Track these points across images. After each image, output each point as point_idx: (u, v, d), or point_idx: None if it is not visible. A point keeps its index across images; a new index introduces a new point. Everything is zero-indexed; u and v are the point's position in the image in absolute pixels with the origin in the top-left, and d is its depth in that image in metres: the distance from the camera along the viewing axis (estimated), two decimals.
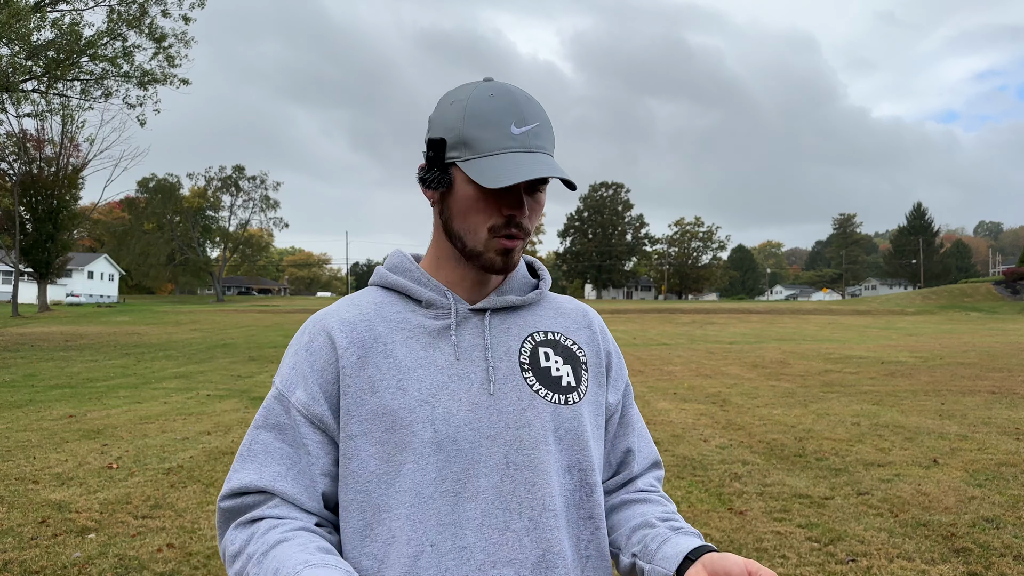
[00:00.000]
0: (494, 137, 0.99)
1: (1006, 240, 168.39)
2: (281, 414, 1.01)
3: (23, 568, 3.83)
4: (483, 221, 1.01)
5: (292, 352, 1.05)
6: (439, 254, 1.09)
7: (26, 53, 20.88)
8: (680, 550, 0.98)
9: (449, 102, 1.03)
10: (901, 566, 3.81)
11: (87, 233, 68.89)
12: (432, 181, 1.04)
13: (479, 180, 0.96)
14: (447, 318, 1.06)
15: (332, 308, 1.07)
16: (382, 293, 1.10)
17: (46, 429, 7.78)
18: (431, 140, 1.03)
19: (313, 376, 1.01)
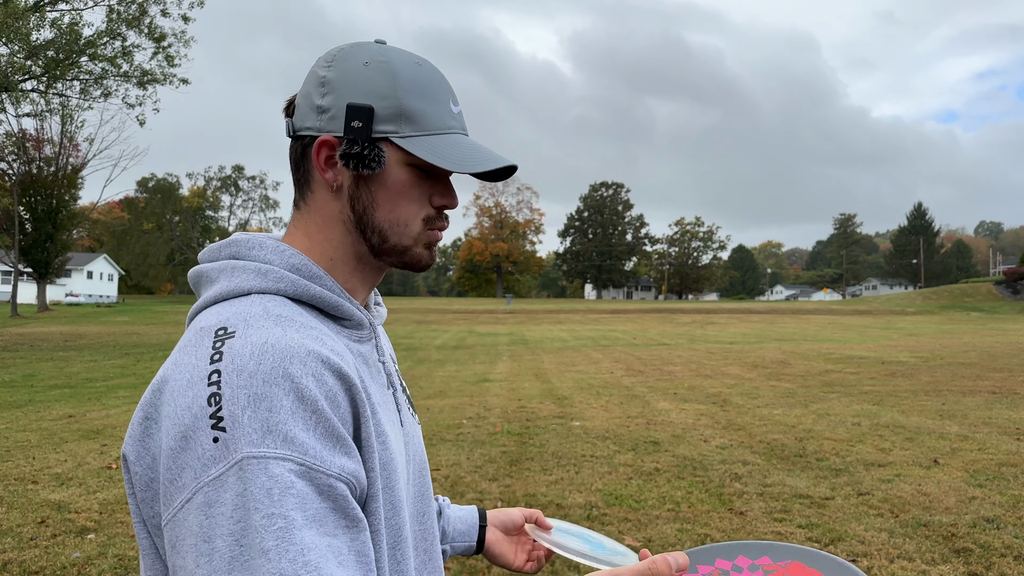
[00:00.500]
0: (438, 113, 0.84)
1: (1007, 240, 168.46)
2: (316, 500, 0.66)
3: (22, 568, 3.83)
4: (417, 212, 0.85)
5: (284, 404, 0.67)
6: (335, 255, 0.86)
7: (25, 53, 20.88)
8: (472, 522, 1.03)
9: (361, 61, 0.82)
10: (902, 566, 3.81)
11: (86, 233, 68.90)
12: (357, 158, 0.80)
13: (442, 163, 0.81)
14: (370, 341, 0.88)
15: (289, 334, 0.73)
16: (299, 309, 0.79)
17: (45, 429, 7.77)
18: (355, 106, 0.80)
19: (343, 431, 0.71)
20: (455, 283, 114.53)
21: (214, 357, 0.70)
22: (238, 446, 0.65)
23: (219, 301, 0.80)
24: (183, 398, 0.69)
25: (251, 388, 0.67)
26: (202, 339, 0.73)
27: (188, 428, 0.67)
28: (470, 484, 5.44)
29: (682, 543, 4.17)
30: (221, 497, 0.64)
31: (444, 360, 16.70)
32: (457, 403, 9.61)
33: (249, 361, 0.69)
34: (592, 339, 24.45)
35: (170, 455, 0.68)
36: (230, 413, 0.66)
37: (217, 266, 0.83)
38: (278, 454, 0.65)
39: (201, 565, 0.63)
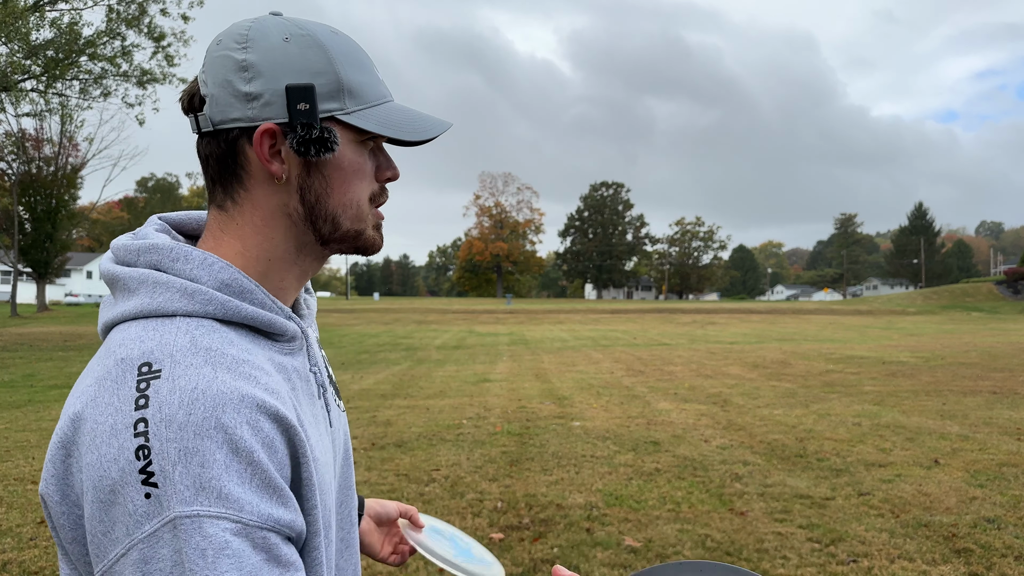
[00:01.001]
0: (372, 83, 0.80)
1: (1007, 240, 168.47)
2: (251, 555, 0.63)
3: (22, 568, 3.82)
4: (365, 189, 0.81)
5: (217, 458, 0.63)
6: (274, 254, 0.79)
7: (25, 52, 20.87)
8: None
9: (280, 37, 0.75)
10: (902, 567, 3.80)
11: (86, 233, 68.88)
12: (319, 143, 0.74)
13: (399, 135, 0.78)
14: (301, 351, 0.82)
15: (219, 375, 0.67)
16: (229, 333, 0.73)
17: (45, 429, 7.77)
18: (296, 87, 0.73)
19: (280, 480, 0.68)
20: (455, 283, 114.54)
21: (139, 402, 0.65)
22: (170, 504, 0.62)
23: (139, 318, 0.72)
24: (107, 448, 0.64)
25: (181, 441, 0.63)
26: (124, 375, 0.67)
27: (116, 483, 0.63)
28: (470, 484, 5.44)
29: (682, 543, 4.17)
30: (157, 553, 0.62)
31: (444, 360, 16.70)
32: (457, 403, 9.60)
33: (178, 411, 0.64)
34: (592, 339, 24.45)
35: (99, 507, 0.64)
36: (160, 468, 0.62)
37: (136, 275, 0.74)
38: (211, 512, 0.62)
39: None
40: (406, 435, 7.31)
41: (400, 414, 8.64)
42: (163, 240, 0.77)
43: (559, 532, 4.37)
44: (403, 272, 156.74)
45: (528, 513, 4.75)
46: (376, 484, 5.43)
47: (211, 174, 0.79)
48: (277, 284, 0.80)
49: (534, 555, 3.99)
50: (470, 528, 4.44)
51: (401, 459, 6.24)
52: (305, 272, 0.84)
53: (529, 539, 4.23)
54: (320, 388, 0.85)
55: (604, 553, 4.02)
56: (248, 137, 0.75)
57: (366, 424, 7.94)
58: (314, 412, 0.81)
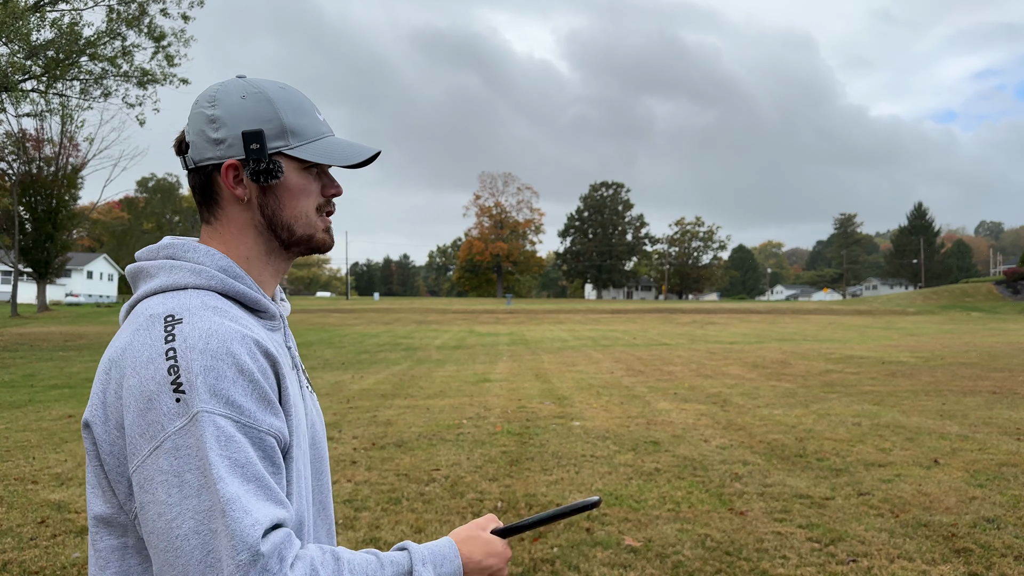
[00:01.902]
0: (312, 123, 1.05)
1: (1007, 240, 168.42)
2: (249, 447, 0.87)
3: (22, 568, 3.83)
4: (312, 203, 1.07)
5: (227, 374, 0.87)
6: (250, 254, 1.05)
7: (25, 53, 20.87)
8: None
9: (238, 96, 1.02)
10: (902, 566, 3.80)
11: (86, 233, 68.87)
12: (269, 172, 1.00)
13: (331, 160, 1.03)
14: (279, 330, 1.08)
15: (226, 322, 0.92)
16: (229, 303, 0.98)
17: (45, 429, 7.77)
18: (249, 132, 0.99)
19: (272, 396, 0.92)
20: (455, 283, 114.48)
21: (167, 339, 0.89)
22: (194, 403, 0.85)
23: (160, 292, 0.98)
24: (146, 371, 0.87)
25: (201, 361, 0.87)
26: (153, 324, 0.91)
27: (153, 393, 0.86)
28: (470, 484, 5.44)
29: (682, 543, 4.17)
30: (186, 442, 0.84)
31: (444, 360, 16.70)
32: (457, 403, 9.60)
33: (198, 341, 0.88)
34: (592, 339, 24.45)
35: (139, 414, 0.86)
36: (186, 379, 0.86)
37: (156, 264, 1.01)
38: (222, 412, 0.86)
39: (172, 495, 0.83)
40: (406, 435, 7.31)
41: (400, 414, 8.64)
42: (176, 239, 1.04)
43: (559, 532, 4.37)
44: (403, 272, 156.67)
45: (528, 513, 4.76)
46: (376, 484, 5.44)
47: (198, 199, 1.07)
48: (257, 278, 1.06)
49: (534, 555, 3.99)
50: None
51: (401, 459, 6.24)
52: (278, 270, 1.10)
53: (529, 539, 4.24)
54: (294, 361, 1.10)
55: (604, 553, 4.03)
56: (219, 170, 1.02)
57: (366, 424, 7.94)
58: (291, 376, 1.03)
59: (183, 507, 0.83)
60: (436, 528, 4.44)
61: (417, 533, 4.35)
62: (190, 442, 0.83)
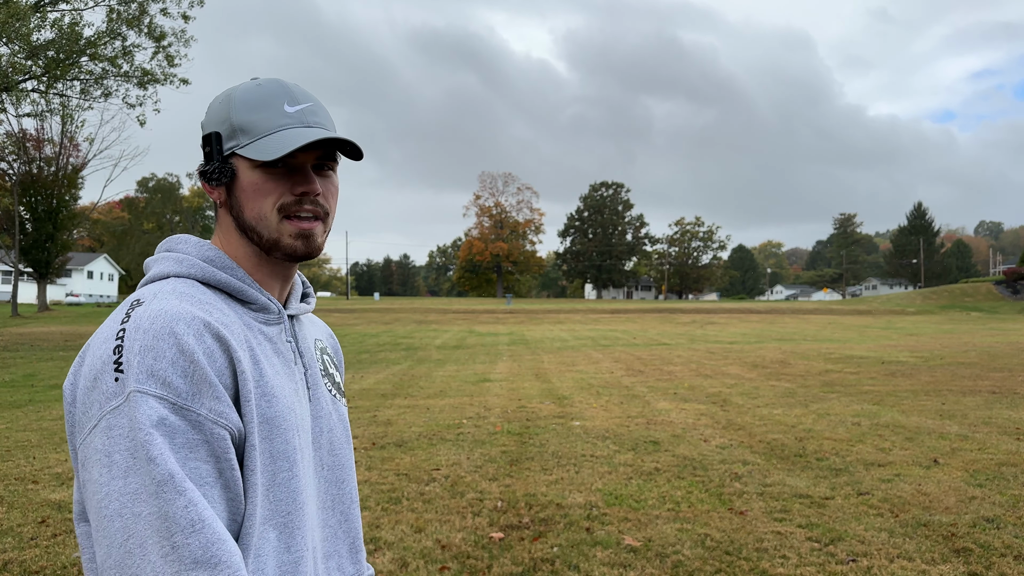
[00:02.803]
0: (268, 117, 0.99)
1: (1007, 240, 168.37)
2: (188, 431, 0.84)
3: (23, 568, 3.83)
4: (272, 203, 0.99)
5: (167, 354, 0.85)
6: (237, 255, 1.04)
7: (26, 53, 20.87)
8: None
9: (217, 102, 1.03)
10: (902, 566, 3.81)
11: (87, 233, 68.91)
12: (213, 175, 1.00)
13: (258, 156, 0.96)
14: (278, 324, 1.05)
15: (183, 305, 0.91)
16: (206, 291, 0.98)
17: (46, 429, 7.77)
18: (204, 137, 1.02)
19: (216, 380, 0.88)
20: (455, 283, 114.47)
21: (123, 320, 0.90)
22: (129, 382, 0.84)
23: (148, 283, 1.00)
24: (98, 350, 0.89)
25: (143, 341, 0.86)
26: (122, 309, 0.93)
27: (98, 372, 0.87)
28: (470, 484, 5.45)
29: (682, 543, 4.18)
30: (118, 422, 0.83)
31: (444, 360, 16.70)
32: (457, 403, 9.61)
33: (144, 321, 0.88)
34: (592, 339, 24.45)
35: (84, 393, 0.87)
36: (126, 359, 0.85)
37: (154, 257, 1.05)
38: (156, 392, 0.84)
39: (103, 474, 0.82)
40: (406, 435, 7.32)
41: (400, 414, 8.65)
42: (178, 235, 1.06)
43: (559, 531, 4.38)
44: (403, 272, 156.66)
45: (528, 512, 4.76)
46: (376, 484, 5.44)
47: None
48: (256, 278, 1.04)
49: (534, 554, 4.00)
50: (470, 527, 4.45)
51: (401, 459, 6.25)
52: (273, 273, 1.06)
53: (529, 539, 4.24)
54: (296, 355, 1.07)
55: (604, 552, 4.03)
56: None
57: (366, 424, 7.95)
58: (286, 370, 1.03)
59: (110, 488, 0.81)
60: (436, 528, 4.44)
61: (417, 533, 4.36)
62: (122, 422, 0.82)
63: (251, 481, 0.90)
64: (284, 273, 1.07)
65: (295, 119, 1.00)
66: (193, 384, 0.86)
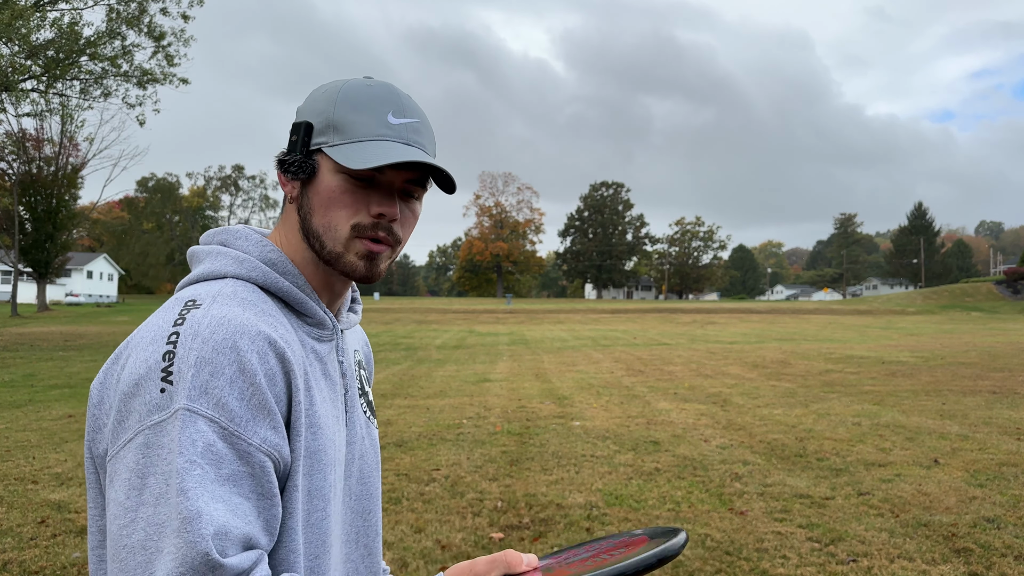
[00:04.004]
0: (368, 123, 0.89)
1: (1007, 240, 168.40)
2: (234, 461, 0.74)
3: (22, 568, 3.83)
4: (347, 217, 0.90)
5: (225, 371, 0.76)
6: (296, 258, 0.94)
7: (26, 53, 20.87)
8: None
9: (322, 91, 0.93)
10: (902, 566, 3.80)
11: (86, 233, 68.87)
12: (292, 166, 0.91)
13: (344, 162, 0.86)
14: (330, 341, 0.96)
15: (248, 315, 0.81)
16: (267, 299, 0.88)
17: (45, 429, 7.77)
18: (295, 124, 0.92)
19: (275, 407, 0.79)
20: (455, 283, 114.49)
21: (177, 321, 0.79)
22: (178, 398, 0.73)
23: (201, 280, 0.90)
24: (144, 351, 0.77)
25: (200, 351, 0.76)
26: (174, 306, 0.82)
27: (142, 377, 0.76)
28: (470, 484, 5.44)
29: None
30: (159, 440, 0.73)
31: (444, 360, 16.70)
32: (457, 403, 9.60)
33: (204, 329, 0.77)
34: (592, 339, 24.45)
35: (122, 399, 0.76)
36: (178, 369, 0.75)
37: (206, 249, 0.94)
38: (207, 413, 0.74)
39: (131, 497, 0.72)
40: (406, 435, 7.31)
41: (400, 414, 8.64)
42: (234, 227, 0.96)
43: (559, 532, 4.37)
44: (403, 272, 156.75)
45: (528, 513, 4.76)
46: None
47: None
48: (313, 285, 0.95)
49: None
50: (470, 528, 4.45)
51: (401, 459, 6.24)
52: (329, 284, 0.96)
53: (529, 539, 4.24)
54: (345, 382, 0.98)
55: None
56: None
57: None
58: (332, 395, 0.94)
59: (138, 515, 0.71)
60: (436, 528, 4.44)
61: (417, 533, 4.35)
62: (163, 441, 0.72)
63: (288, 525, 0.81)
64: (344, 284, 0.98)
65: (396, 132, 0.90)
66: (250, 409, 0.76)
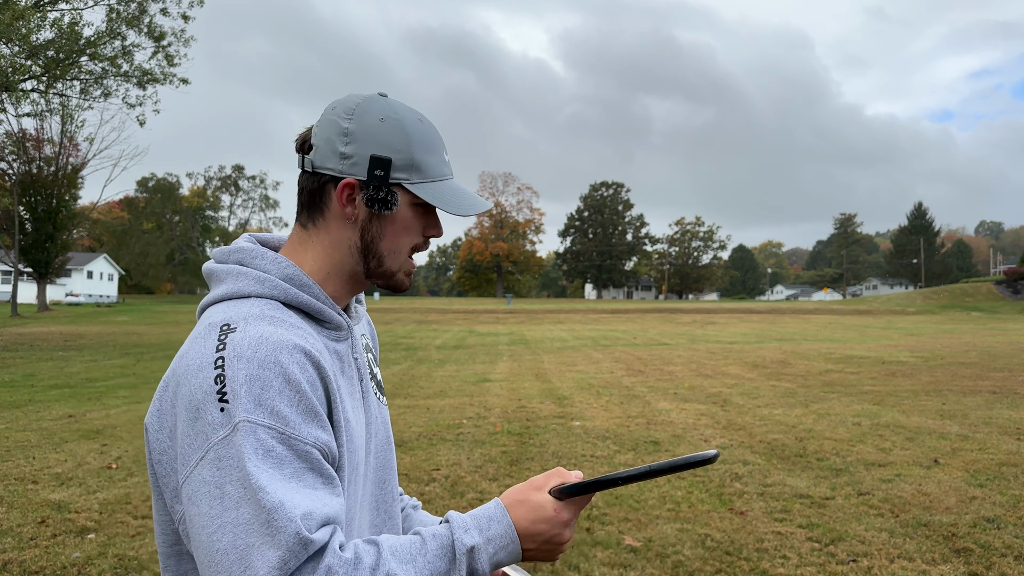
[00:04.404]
0: (437, 163, 1.04)
1: (1007, 240, 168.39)
2: (295, 460, 0.85)
3: (23, 568, 3.83)
4: (410, 242, 1.05)
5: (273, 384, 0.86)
6: (332, 271, 1.04)
7: (26, 53, 20.87)
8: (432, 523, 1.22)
9: (377, 118, 1.00)
10: (902, 566, 3.80)
11: (86, 233, 68.87)
12: (381, 201, 1.01)
13: (445, 207, 1.01)
14: (346, 340, 1.07)
15: (280, 331, 0.91)
16: (291, 313, 0.98)
17: (45, 429, 7.77)
18: (377, 158, 0.99)
19: (320, 409, 0.90)
20: (455, 283, 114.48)
21: (219, 347, 0.88)
22: (237, 413, 0.83)
23: (224, 300, 0.98)
24: (195, 379, 0.87)
25: (248, 371, 0.86)
26: (210, 333, 0.91)
27: (200, 403, 0.85)
28: (470, 484, 5.44)
29: (682, 543, 4.17)
30: (227, 452, 0.83)
31: (444, 360, 16.70)
32: (457, 403, 9.60)
33: (247, 350, 0.87)
34: (592, 339, 24.45)
35: (188, 424, 0.86)
36: (232, 389, 0.85)
37: (225, 268, 1.01)
38: (264, 423, 0.84)
39: (213, 507, 0.82)
40: (406, 435, 7.31)
41: (400, 414, 8.64)
42: (247, 244, 1.04)
43: None
44: None
45: None
46: None
47: (303, 200, 1.05)
48: (331, 292, 1.05)
49: None
50: None
51: (401, 459, 6.24)
52: (352, 291, 1.09)
53: None
54: (359, 372, 1.09)
55: (604, 552, 4.03)
56: (335, 183, 1.01)
57: None
58: (351, 389, 1.04)
59: (223, 520, 0.81)
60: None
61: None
62: (231, 452, 0.82)
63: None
64: (361, 290, 1.10)
65: (450, 170, 1.07)
66: (300, 414, 0.86)
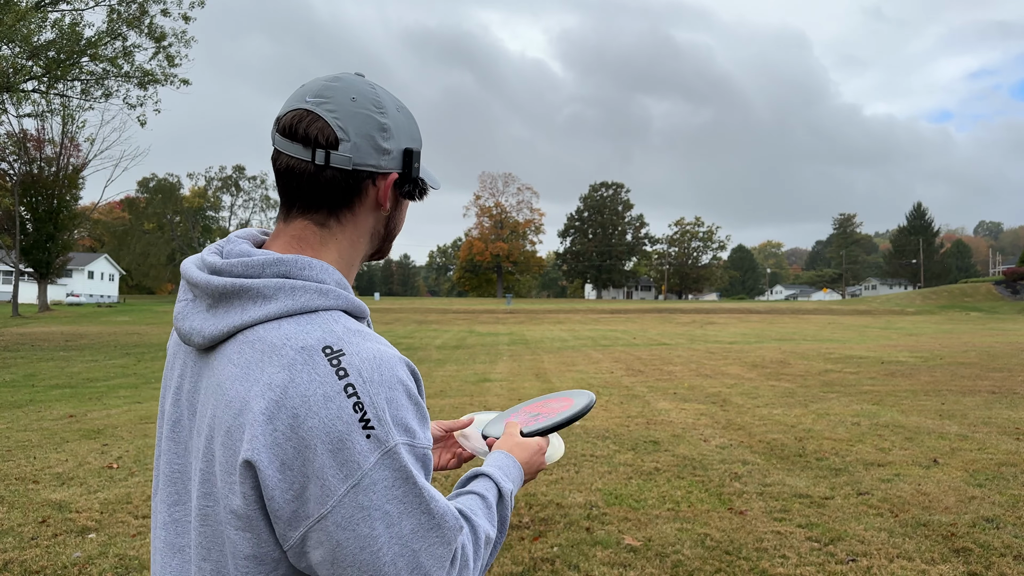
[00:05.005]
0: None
1: (1006, 240, 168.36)
2: (423, 468, 0.92)
3: (23, 568, 3.83)
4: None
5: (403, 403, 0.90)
6: (352, 261, 1.05)
7: (27, 53, 20.88)
8: None
9: (395, 107, 1.03)
10: (901, 566, 3.81)
11: (87, 233, 68.88)
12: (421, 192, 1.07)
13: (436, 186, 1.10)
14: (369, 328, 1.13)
15: (379, 346, 0.92)
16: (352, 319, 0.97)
17: (46, 429, 7.78)
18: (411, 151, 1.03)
19: (427, 413, 0.97)
20: (455, 283, 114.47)
21: (339, 374, 0.86)
22: (387, 439, 0.86)
23: (283, 317, 0.92)
24: (327, 410, 0.85)
25: (384, 394, 0.87)
26: (312, 358, 0.87)
27: (343, 433, 0.84)
28: None
29: (682, 542, 4.18)
30: (381, 475, 0.85)
31: (444, 360, 16.71)
32: (457, 403, 9.61)
33: (372, 374, 0.87)
34: (592, 339, 24.45)
35: (330, 456, 0.84)
36: (375, 416, 0.86)
37: (270, 284, 0.93)
38: (406, 441, 0.88)
39: (376, 527, 0.85)
40: None
41: None
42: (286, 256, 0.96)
43: (559, 531, 4.38)
44: (403, 272, 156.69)
45: (528, 512, 4.77)
46: None
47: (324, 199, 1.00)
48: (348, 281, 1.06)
49: (534, 554, 4.00)
50: None
51: None
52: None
53: (529, 538, 4.25)
54: None
55: (604, 552, 4.04)
56: (373, 178, 1.00)
57: None
58: None
59: (388, 535, 0.86)
60: None
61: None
62: (386, 475, 0.86)
63: None
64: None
65: None
66: (421, 423, 0.92)
